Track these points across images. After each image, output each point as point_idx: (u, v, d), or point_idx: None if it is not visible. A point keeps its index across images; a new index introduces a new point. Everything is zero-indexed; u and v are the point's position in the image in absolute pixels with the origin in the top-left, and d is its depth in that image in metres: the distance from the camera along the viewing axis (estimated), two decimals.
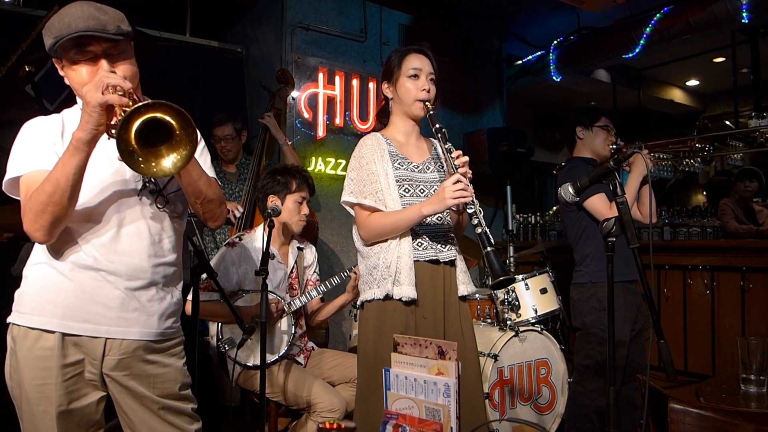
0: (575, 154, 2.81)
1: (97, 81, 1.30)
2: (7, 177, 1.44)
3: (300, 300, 2.54)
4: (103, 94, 1.28)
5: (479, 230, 1.70)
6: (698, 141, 2.57)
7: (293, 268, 2.62)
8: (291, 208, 2.53)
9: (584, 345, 2.61)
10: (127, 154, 1.23)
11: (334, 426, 0.94)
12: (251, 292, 2.49)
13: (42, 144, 1.44)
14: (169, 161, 1.29)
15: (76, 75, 1.43)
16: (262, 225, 2.64)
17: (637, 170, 2.52)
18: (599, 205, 2.52)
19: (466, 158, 1.79)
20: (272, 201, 2.51)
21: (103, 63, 1.41)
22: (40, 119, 1.50)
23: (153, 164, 1.27)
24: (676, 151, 2.64)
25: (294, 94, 4.10)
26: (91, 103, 1.28)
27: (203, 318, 2.46)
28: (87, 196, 1.43)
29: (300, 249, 2.69)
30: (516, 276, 3.24)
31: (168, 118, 1.26)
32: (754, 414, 1.53)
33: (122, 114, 1.24)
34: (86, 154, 1.33)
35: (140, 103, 1.22)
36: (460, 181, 1.71)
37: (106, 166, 1.48)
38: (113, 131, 1.32)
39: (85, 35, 1.37)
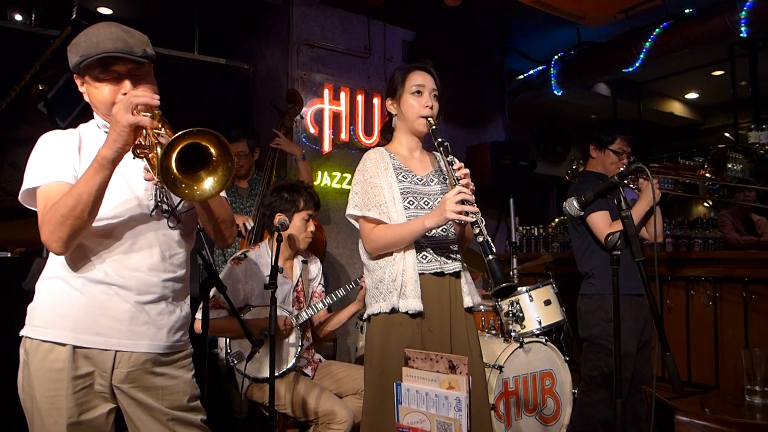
0: (588, 168, 2.82)
1: (126, 101, 1.31)
2: (24, 187, 1.44)
3: (306, 312, 2.56)
4: (133, 114, 1.29)
5: (480, 239, 1.71)
6: (708, 172, 2.59)
7: (298, 281, 2.65)
8: (298, 226, 2.57)
9: (591, 356, 2.62)
10: (170, 182, 1.24)
11: None
12: (258, 307, 2.52)
13: (60, 156, 1.45)
14: (208, 184, 1.29)
15: (99, 93, 1.46)
16: (266, 240, 2.67)
17: (645, 199, 2.50)
18: (600, 222, 2.53)
19: (467, 170, 1.82)
20: (279, 218, 2.53)
21: (127, 83, 1.44)
22: (57, 132, 1.51)
23: (195, 188, 1.28)
24: (683, 174, 2.65)
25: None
26: (121, 122, 1.29)
27: (213, 335, 2.48)
28: (102, 214, 1.44)
29: (304, 262, 2.72)
30: (519, 287, 3.25)
31: (205, 144, 1.26)
32: (760, 426, 1.53)
33: (154, 137, 1.26)
34: (110, 172, 1.34)
35: (177, 134, 1.22)
36: (462, 193, 1.72)
37: (122, 186, 1.50)
38: (138, 151, 1.33)
39: (112, 56, 1.40)
